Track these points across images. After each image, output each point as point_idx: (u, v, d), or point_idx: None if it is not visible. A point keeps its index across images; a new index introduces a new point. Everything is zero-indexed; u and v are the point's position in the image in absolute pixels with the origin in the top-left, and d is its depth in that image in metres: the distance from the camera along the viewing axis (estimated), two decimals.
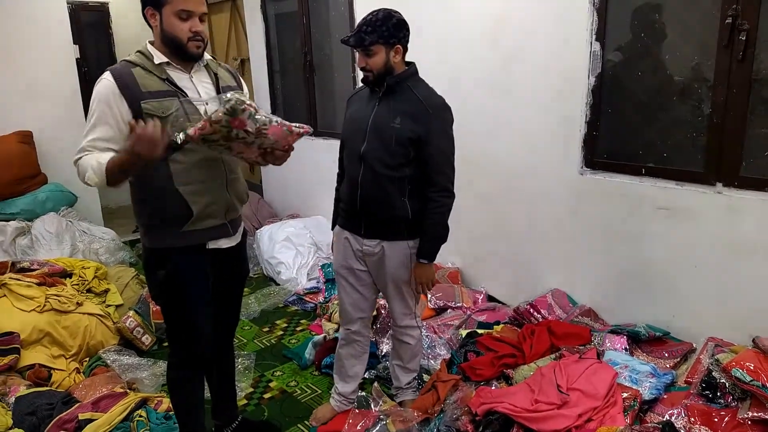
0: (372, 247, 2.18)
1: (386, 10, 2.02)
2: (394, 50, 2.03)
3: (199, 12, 1.74)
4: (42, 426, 2.26)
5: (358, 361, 2.45)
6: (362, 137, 2.11)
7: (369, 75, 2.06)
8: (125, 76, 1.72)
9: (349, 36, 2.04)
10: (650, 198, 2.52)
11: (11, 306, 2.86)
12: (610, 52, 2.62)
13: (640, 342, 2.49)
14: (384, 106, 2.09)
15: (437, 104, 2.07)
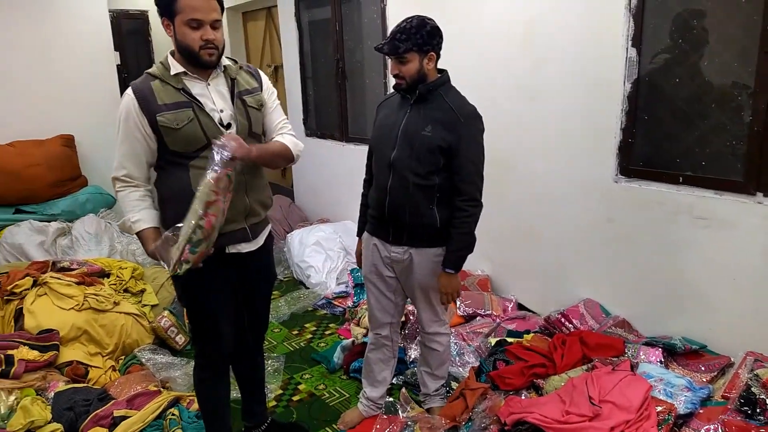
0: (400, 254, 2.18)
1: (420, 18, 2.02)
2: (427, 57, 2.02)
3: (209, 20, 1.72)
4: (79, 421, 2.32)
5: (386, 366, 2.45)
6: (392, 144, 2.11)
7: (402, 82, 2.06)
8: (144, 90, 1.78)
9: (383, 43, 2.04)
10: (687, 207, 2.46)
11: (51, 304, 2.96)
12: (646, 58, 2.57)
13: (676, 355, 2.43)
14: (415, 113, 2.09)
15: (469, 113, 2.06)
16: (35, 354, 2.63)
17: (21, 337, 2.73)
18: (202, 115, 1.80)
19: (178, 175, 1.83)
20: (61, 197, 4.24)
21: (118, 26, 5.90)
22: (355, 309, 3.47)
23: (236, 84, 1.89)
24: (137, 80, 1.83)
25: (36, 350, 2.66)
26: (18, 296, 2.99)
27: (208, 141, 1.79)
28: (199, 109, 1.79)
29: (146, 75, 1.82)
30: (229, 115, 1.85)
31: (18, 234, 3.80)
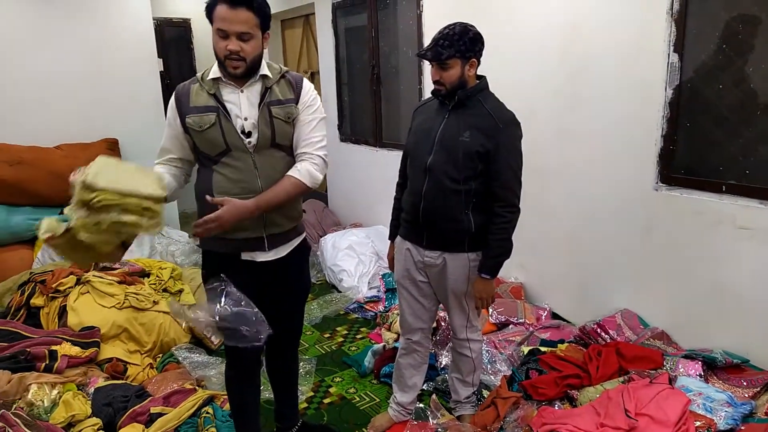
0: (433, 259, 2.18)
1: (462, 24, 2.02)
2: (469, 64, 2.03)
3: (233, 31, 1.74)
4: (117, 417, 2.38)
5: (417, 372, 2.45)
6: (429, 149, 2.11)
7: (442, 88, 2.07)
8: (184, 91, 1.88)
9: (426, 50, 2.05)
10: (730, 217, 2.38)
11: (93, 302, 3.05)
12: (688, 63, 2.51)
13: (716, 369, 2.35)
14: (453, 118, 2.09)
15: (507, 119, 2.05)
16: (77, 350, 2.72)
17: (64, 334, 2.82)
18: (225, 121, 1.83)
19: (204, 176, 1.92)
20: None
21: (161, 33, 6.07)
22: (386, 314, 3.48)
23: (269, 93, 1.88)
24: (184, 81, 1.93)
25: (78, 346, 2.74)
26: (62, 294, 3.10)
27: (228, 147, 1.84)
28: (224, 115, 1.83)
29: (194, 77, 1.91)
30: (251, 124, 1.86)
31: None
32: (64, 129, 4.43)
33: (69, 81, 4.46)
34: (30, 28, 4.27)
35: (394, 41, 4.44)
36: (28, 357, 2.59)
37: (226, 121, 1.83)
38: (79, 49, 4.48)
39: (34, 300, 3.08)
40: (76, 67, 4.48)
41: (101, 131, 4.57)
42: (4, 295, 3.29)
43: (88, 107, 4.55)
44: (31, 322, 3.00)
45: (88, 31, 4.51)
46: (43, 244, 3.95)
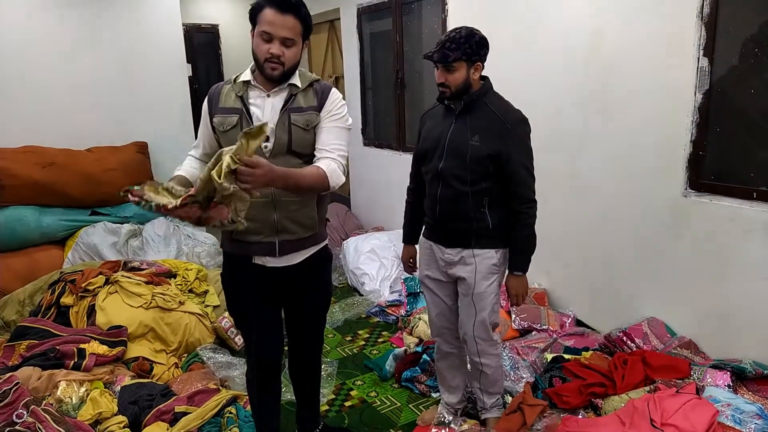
0: (453, 256, 2.21)
1: (468, 28, 2.08)
2: (474, 67, 2.08)
3: (279, 36, 1.76)
4: (142, 415, 2.42)
5: (458, 373, 2.48)
6: (439, 155, 2.16)
7: (447, 91, 2.11)
8: (216, 91, 1.93)
9: (433, 51, 2.08)
10: (762, 224, 2.33)
11: (121, 302, 3.11)
12: (719, 68, 2.46)
13: (746, 379, 2.29)
14: (461, 123, 2.13)
15: (515, 119, 2.09)
16: (105, 349, 2.78)
17: (92, 333, 2.89)
18: (246, 124, 1.84)
19: None
20: None
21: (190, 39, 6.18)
22: (408, 318, 3.48)
23: (292, 100, 1.89)
24: (221, 81, 1.99)
25: (105, 345, 2.80)
26: (91, 293, 3.17)
27: None
28: (246, 118, 1.86)
29: (228, 79, 1.95)
30: (270, 129, 1.86)
31: (93, 234, 4.03)
32: (96, 132, 4.54)
33: (101, 86, 4.57)
34: (65, 36, 4.39)
35: (419, 46, 4.45)
36: (57, 355, 2.65)
37: (247, 125, 1.84)
38: (110, 55, 4.59)
39: (64, 299, 3.15)
40: (107, 72, 4.59)
41: (131, 134, 4.67)
42: (35, 293, 3.38)
43: (119, 111, 4.66)
44: (60, 320, 3.07)
45: (119, 37, 4.62)
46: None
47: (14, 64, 4.22)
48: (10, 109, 4.22)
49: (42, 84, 4.33)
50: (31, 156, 4.03)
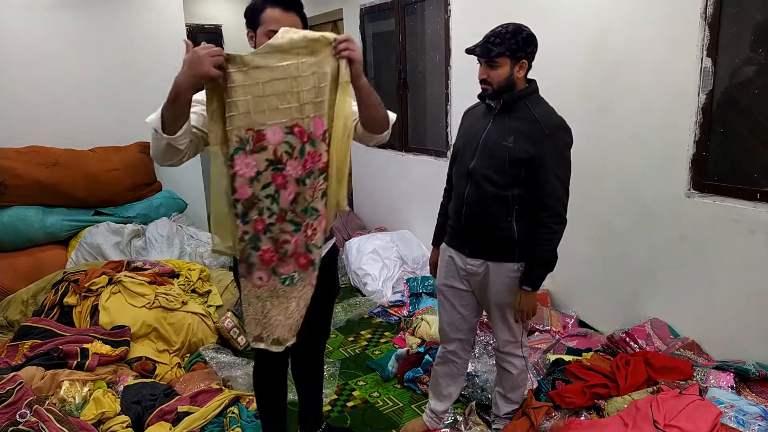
0: (476, 267, 2.13)
1: (516, 24, 1.97)
2: (519, 65, 1.97)
3: None
4: (145, 415, 2.42)
5: (453, 382, 2.40)
6: (472, 153, 2.07)
7: (488, 88, 2.01)
8: None
9: (476, 45, 1.99)
10: (764, 225, 2.32)
11: (124, 302, 3.11)
12: (722, 68, 2.46)
13: (749, 381, 2.29)
14: (498, 123, 2.04)
15: (555, 125, 1.98)
16: (108, 348, 2.78)
17: (95, 332, 2.89)
18: None
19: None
20: (136, 201, 4.47)
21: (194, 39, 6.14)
22: (410, 318, 3.48)
23: None
24: None
25: (108, 345, 2.81)
26: (94, 293, 3.17)
27: None
28: None
29: None
30: None
31: (96, 234, 4.04)
32: (99, 132, 4.54)
33: (104, 86, 4.58)
34: (67, 35, 4.40)
35: (422, 46, 4.45)
36: (60, 354, 2.66)
37: None
38: (114, 55, 4.60)
39: (67, 299, 3.16)
40: (110, 72, 4.60)
41: (134, 134, 4.67)
42: (39, 293, 3.39)
43: (122, 111, 4.66)
44: (64, 320, 3.08)
45: (122, 38, 4.63)
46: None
47: (18, 64, 4.23)
48: (14, 109, 4.23)
49: (45, 84, 4.34)
50: (35, 156, 4.04)
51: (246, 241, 1.70)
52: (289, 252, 1.74)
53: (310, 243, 1.76)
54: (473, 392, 2.68)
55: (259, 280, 1.75)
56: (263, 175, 1.64)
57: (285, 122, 1.61)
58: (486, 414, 2.53)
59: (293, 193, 1.69)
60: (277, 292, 1.78)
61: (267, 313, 1.78)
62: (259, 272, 1.74)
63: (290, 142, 1.63)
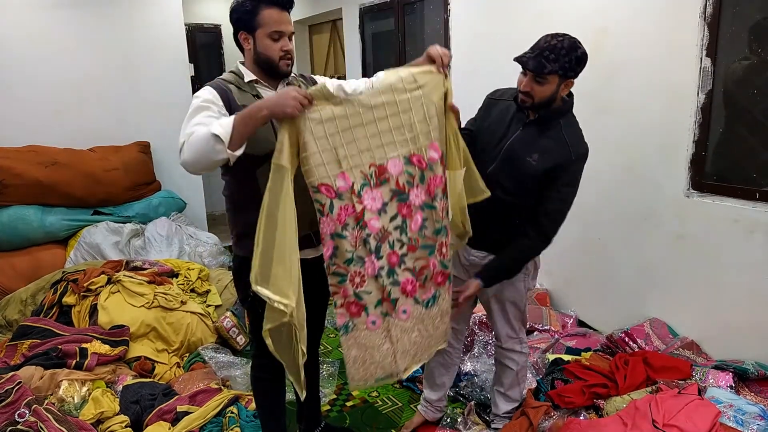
0: (479, 259, 2.14)
1: (571, 39, 1.88)
2: (566, 83, 1.91)
3: (288, 32, 1.83)
4: (144, 414, 2.42)
5: (446, 371, 2.44)
6: (493, 157, 2.03)
7: (529, 101, 1.93)
8: (224, 91, 1.82)
9: (528, 57, 1.88)
10: (764, 225, 2.32)
11: (123, 301, 3.11)
12: (721, 68, 2.46)
13: (748, 380, 2.29)
14: (528, 134, 1.98)
15: (581, 153, 1.97)
16: (107, 348, 2.78)
17: (94, 332, 2.89)
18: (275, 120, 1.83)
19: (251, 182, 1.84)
20: (136, 200, 4.46)
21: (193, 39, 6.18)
22: None
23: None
24: (213, 82, 1.85)
25: (107, 345, 2.80)
26: (93, 293, 3.17)
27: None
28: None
29: (220, 80, 1.86)
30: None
31: (95, 234, 4.04)
32: (98, 132, 4.54)
33: (103, 85, 4.58)
34: (66, 34, 4.40)
35: (421, 46, 4.44)
36: (59, 354, 2.66)
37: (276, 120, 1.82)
38: (113, 55, 4.60)
39: (66, 298, 3.16)
40: (110, 71, 4.60)
41: (134, 134, 4.68)
42: (38, 293, 3.39)
43: (121, 111, 4.67)
44: (63, 319, 3.08)
45: (122, 37, 4.62)
46: None
47: (17, 63, 4.22)
48: (13, 108, 4.23)
49: (44, 83, 4.34)
50: (34, 155, 4.04)
51: (383, 276, 1.79)
52: (429, 277, 1.87)
53: (444, 260, 1.88)
54: (472, 392, 2.68)
55: (372, 324, 1.84)
56: (389, 206, 1.75)
57: (403, 153, 1.74)
58: (485, 413, 2.54)
59: (420, 220, 1.81)
60: (422, 317, 1.89)
61: (386, 352, 1.88)
62: (374, 316, 1.83)
63: (410, 171, 1.76)
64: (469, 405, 2.57)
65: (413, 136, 1.74)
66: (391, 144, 1.72)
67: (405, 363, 1.91)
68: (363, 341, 1.84)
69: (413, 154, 1.75)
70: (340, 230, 1.73)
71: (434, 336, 1.97)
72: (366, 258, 1.78)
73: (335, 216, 1.71)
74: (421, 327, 1.91)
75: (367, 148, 1.69)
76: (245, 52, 1.90)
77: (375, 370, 1.87)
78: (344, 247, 1.74)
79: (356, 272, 1.78)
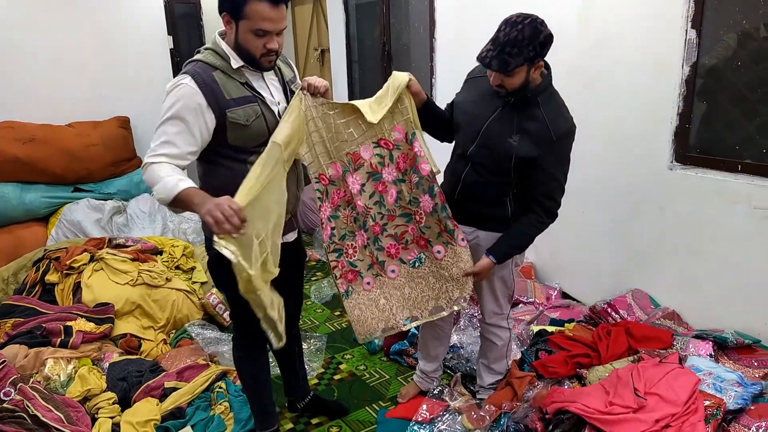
0: (467, 234, 2.14)
1: (533, 24, 1.80)
2: (535, 66, 1.86)
3: (276, 30, 1.68)
4: (131, 391, 2.43)
5: (440, 344, 2.49)
6: (472, 137, 2.02)
7: (502, 91, 1.91)
8: (209, 83, 1.68)
9: (490, 57, 1.81)
10: (746, 197, 2.35)
11: (107, 279, 3.09)
12: (706, 40, 2.45)
13: (727, 349, 2.35)
14: (506, 115, 1.97)
15: (563, 131, 1.94)
16: (91, 326, 2.76)
17: (79, 310, 2.87)
18: (266, 109, 1.79)
19: (232, 171, 1.76)
20: (117, 177, 4.40)
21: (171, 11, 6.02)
22: None
23: (281, 73, 1.90)
24: (196, 69, 1.70)
25: (92, 322, 2.79)
26: (76, 271, 3.13)
27: (269, 137, 1.76)
28: (263, 104, 1.78)
29: (204, 65, 1.72)
30: (284, 108, 1.86)
31: (76, 211, 3.98)
32: (76, 107, 4.44)
33: (80, 59, 4.45)
34: (42, 7, 4.25)
35: (406, 18, 4.38)
36: (43, 333, 2.64)
37: (268, 111, 1.79)
38: (89, 28, 4.47)
39: (49, 276, 3.12)
40: (86, 45, 4.47)
41: (112, 109, 4.58)
42: (20, 271, 3.34)
43: (99, 85, 4.56)
44: (46, 298, 3.05)
45: (98, 9, 4.49)
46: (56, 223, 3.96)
47: None
48: None
49: (19, 58, 4.21)
50: (10, 132, 3.94)
51: (370, 245, 2.07)
52: (410, 240, 2.10)
53: (421, 226, 2.07)
54: (458, 363, 2.72)
55: (367, 285, 2.12)
56: (366, 186, 2.01)
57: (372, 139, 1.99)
58: (471, 384, 2.58)
59: (395, 193, 2.04)
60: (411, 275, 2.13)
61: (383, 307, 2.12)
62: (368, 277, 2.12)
63: (379, 153, 2.00)
64: (456, 376, 2.61)
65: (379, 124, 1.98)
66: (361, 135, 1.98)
67: (403, 315, 2.13)
68: (362, 300, 2.12)
69: (380, 138, 1.99)
70: (334, 212, 2.03)
71: (430, 296, 2.13)
72: (356, 232, 2.06)
73: (330, 200, 2.01)
74: (412, 284, 2.14)
75: (344, 140, 1.96)
76: (227, 32, 1.75)
77: (377, 324, 2.11)
78: (339, 226, 2.05)
79: (349, 245, 2.08)
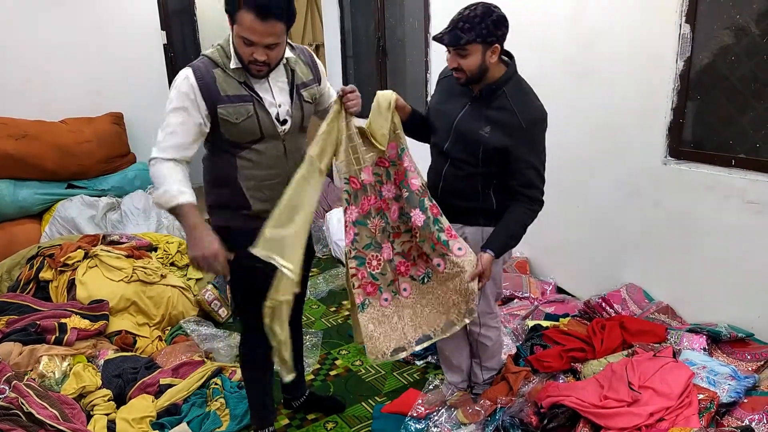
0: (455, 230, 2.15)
1: (485, 5, 1.87)
2: (491, 50, 1.88)
3: (262, 43, 1.67)
4: (127, 388, 2.43)
5: (460, 354, 2.39)
6: (446, 134, 2.05)
7: (462, 76, 1.94)
8: (207, 77, 1.73)
9: (443, 33, 1.89)
10: (739, 191, 2.36)
11: (102, 276, 3.08)
12: (700, 34, 2.46)
13: (721, 342, 2.36)
14: (475, 109, 1.99)
15: (532, 118, 1.94)
16: (86, 323, 2.76)
17: (73, 307, 2.86)
18: (261, 110, 1.80)
19: (227, 162, 1.84)
20: (110, 173, 4.37)
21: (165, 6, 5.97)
22: None
23: (295, 76, 1.88)
24: (198, 64, 1.77)
25: (87, 319, 2.78)
26: (70, 267, 3.13)
27: (263, 135, 1.81)
28: (259, 105, 1.79)
29: (208, 60, 1.77)
30: (286, 111, 1.85)
31: (70, 208, 3.96)
32: (69, 103, 4.40)
33: (73, 54, 4.42)
34: (34, 2, 4.21)
35: (401, 13, 4.37)
36: (38, 330, 2.63)
37: (263, 111, 1.80)
38: (82, 23, 4.43)
39: (43, 274, 3.11)
40: (79, 40, 4.43)
41: (106, 105, 4.55)
42: (14, 268, 3.33)
43: (93, 81, 4.52)
44: (40, 295, 3.04)
45: (91, 4, 4.45)
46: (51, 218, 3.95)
47: None
48: None
49: (12, 54, 4.17)
50: (3, 128, 3.91)
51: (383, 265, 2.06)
52: (416, 256, 2.10)
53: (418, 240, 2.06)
54: None
55: (384, 301, 2.08)
56: (374, 206, 2.01)
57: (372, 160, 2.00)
58: None
59: (397, 209, 2.04)
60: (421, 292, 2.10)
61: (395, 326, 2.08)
62: (386, 293, 2.08)
63: (378, 172, 2.00)
64: None
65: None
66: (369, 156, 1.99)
67: (415, 335, 2.07)
68: (377, 316, 2.05)
69: (378, 157, 2.00)
70: (362, 218, 2.00)
71: (441, 311, 2.08)
72: (383, 244, 2.05)
73: (359, 205, 1.98)
74: (423, 301, 2.10)
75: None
76: None
77: (389, 343, 2.04)
78: (363, 233, 2.01)
79: (373, 256, 2.03)
